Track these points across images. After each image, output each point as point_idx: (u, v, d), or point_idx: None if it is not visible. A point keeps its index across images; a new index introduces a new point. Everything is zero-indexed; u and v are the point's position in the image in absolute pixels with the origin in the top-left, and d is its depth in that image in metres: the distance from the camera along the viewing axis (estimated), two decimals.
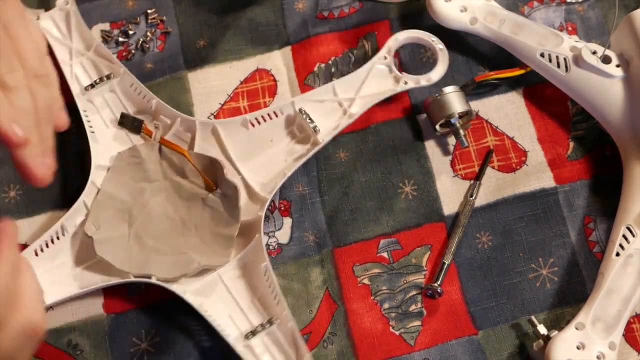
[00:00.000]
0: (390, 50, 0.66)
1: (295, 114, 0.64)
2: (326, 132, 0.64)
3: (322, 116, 0.64)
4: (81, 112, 0.65)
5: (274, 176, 0.63)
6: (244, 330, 0.58)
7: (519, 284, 0.62)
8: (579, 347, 0.56)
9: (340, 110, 0.65)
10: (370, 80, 0.66)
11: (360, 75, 0.66)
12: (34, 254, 0.60)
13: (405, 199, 0.65)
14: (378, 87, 0.66)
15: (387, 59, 0.66)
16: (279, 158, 0.64)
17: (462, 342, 0.60)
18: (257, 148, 0.64)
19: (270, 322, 0.57)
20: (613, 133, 0.64)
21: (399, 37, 0.67)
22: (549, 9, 0.71)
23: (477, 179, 0.65)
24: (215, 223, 0.61)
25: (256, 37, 0.71)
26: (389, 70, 0.66)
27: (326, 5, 0.72)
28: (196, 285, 0.59)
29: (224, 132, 0.64)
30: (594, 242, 0.63)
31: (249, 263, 0.60)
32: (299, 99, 0.65)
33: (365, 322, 0.61)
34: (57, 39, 0.68)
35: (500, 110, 0.68)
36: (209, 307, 0.59)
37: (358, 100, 0.65)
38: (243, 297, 0.60)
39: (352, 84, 0.66)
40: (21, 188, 0.66)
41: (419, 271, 0.63)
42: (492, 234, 0.64)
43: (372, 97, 0.65)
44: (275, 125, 0.65)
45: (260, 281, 0.59)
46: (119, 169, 0.63)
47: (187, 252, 0.60)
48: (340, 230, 0.64)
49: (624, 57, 0.63)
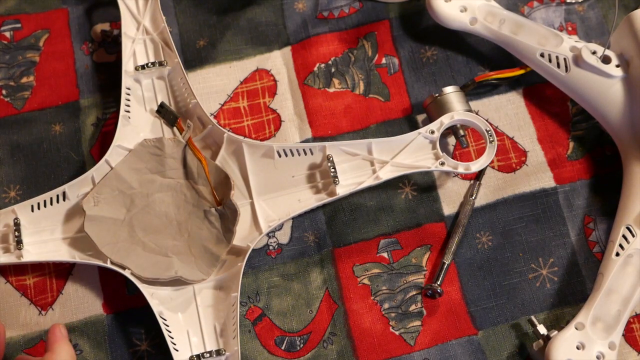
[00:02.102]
0: (441, 126, 0.62)
1: (322, 158, 0.63)
2: (347, 186, 0.62)
3: (349, 169, 0.62)
4: (123, 89, 0.64)
5: (281, 213, 0.62)
6: (195, 352, 0.58)
7: (519, 284, 0.62)
8: (579, 347, 0.56)
9: (370, 169, 0.62)
10: (410, 149, 0.62)
11: (402, 141, 0.62)
12: (30, 209, 0.61)
13: (405, 199, 0.65)
14: (414, 159, 0.62)
15: (435, 134, 0.62)
16: (293, 198, 0.63)
17: (462, 342, 0.60)
18: (277, 180, 0.63)
19: (219, 353, 0.57)
20: (613, 133, 0.64)
21: (455, 117, 0.62)
22: (549, 9, 0.71)
23: (477, 179, 0.65)
24: (208, 238, 0.61)
25: (256, 37, 0.71)
26: (432, 146, 0.62)
27: (326, 6, 0.72)
28: (166, 291, 0.60)
29: (249, 154, 0.63)
30: (593, 242, 0.63)
31: (224, 288, 0.60)
32: (332, 145, 0.62)
33: (365, 322, 0.61)
34: (131, 11, 0.68)
35: (500, 110, 0.68)
36: (169, 316, 0.59)
37: (390, 166, 0.62)
38: (206, 319, 0.59)
39: (391, 147, 0.62)
40: (21, 188, 0.66)
41: (419, 271, 0.63)
42: (492, 234, 0.64)
43: (405, 167, 0.62)
44: (300, 163, 0.63)
45: (227, 310, 0.59)
46: (139, 155, 0.62)
47: (171, 257, 0.60)
48: (340, 230, 0.64)
49: (624, 57, 0.63)
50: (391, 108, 0.68)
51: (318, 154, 0.63)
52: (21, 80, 0.69)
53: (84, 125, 0.67)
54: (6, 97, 0.69)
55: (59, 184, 0.63)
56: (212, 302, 0.60)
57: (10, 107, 0.68)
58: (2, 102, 0.68)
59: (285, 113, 0.68)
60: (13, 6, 0.72)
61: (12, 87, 0.69)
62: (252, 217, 0.63)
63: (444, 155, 0.62)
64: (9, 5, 0.72)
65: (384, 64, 0.70)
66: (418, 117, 0.68)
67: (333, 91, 0.69)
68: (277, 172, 0.63)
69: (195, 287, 0.60)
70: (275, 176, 0.63)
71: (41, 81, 0.69)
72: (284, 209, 0.62)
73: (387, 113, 0.68)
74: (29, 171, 0.66)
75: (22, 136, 0.67)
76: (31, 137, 0.67)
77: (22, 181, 0.66)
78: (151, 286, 0.60)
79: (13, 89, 0.69)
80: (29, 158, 0.66)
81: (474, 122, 0.62)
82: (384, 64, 0.70)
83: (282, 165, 0.63)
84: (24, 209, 0.61)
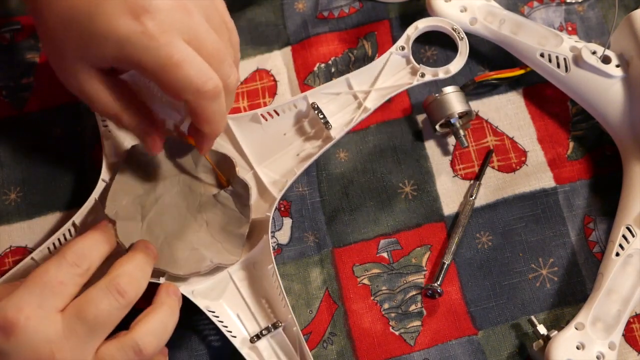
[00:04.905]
0: (408, 39, 0.63)
1: (307, 108, 0.63)
2: (339, 127, 0.62)
3: (336, 110, 0.63)
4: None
5: (285, 173, 0.62)
6: (252, 332, 0.58)
7: (519, 284, 0.62)
8: (579, 347, 0.56)
9: (355, 103, 0.63)
10: (387, 71, 0.63)
11: (377, 66, 0.63)
12: (48, 251, 0.59)
13: (405, 199, 0.65)
14: (395, 80, 0.63)
15: (405, 50, 0.63)
16: (291, 154, 0.63)
17: (462, 342, 0.60)
18: (270, 143, 0.63)
19: (275, 326, 0.57)
20: (613, 133, 0.64)
21: (418, 25, 0.63)
22: (548, 9, 0.71)
23: (477, 179, 0.65)
24: (227, 221, 0.61)
25: (256, 37, 0.71)
26: (407, 62, 0.63)
27: (326, 6, 0.72)
28: (204, 284, 0.59)
29: (236, 127, 0.63)
30: (593, 242, 0.63)
31: (257, 264, 0.60)
32: (312, 93, 0.62)
33: (365, 322, 0.61)
34: None
35: (500, 110, 0.68)
36: (216, 307, 0.58)
37: (373, 93, 0.62)
38: (251, 298, 0.59)
39: (368, 75, 0.63)
40: (22, 190, 0.66)
41: (418, 271, 0.63)
42: (492, 234, 0.64)
43: (389, 90, 0.62)
44: (287, 120, 0.63)
45: (268, 283, 0.59)
46: (133, 162, 0.62)
47: (199, 249, 0.60)
48: (340, 230, 0.64)
49: (624, 57, 0.63)
50: (391, 108, 0.68)
51: (302, 105, 0.63)
52: (21, 81, 0.69)
53: (85, 127, 0.67)
54: (6, 97, 0.69)
55: (59, 185, 0.63)
56: (250, 281, 0.60)
57: (11, 108, 0.68)
58: (2, 102, 0.68)
59: None
60: (13, 7, 0.72)
61: (12, 88, 0.69)
62: (258, 188, 0.63)
63: (421, 66, 0.62)
64: (9, 7, 0.72)
65: None
66: (418, 117, 0.68)
67: None
68: (268, 135, 0.63)
69: (230, 272, 0.60)
70: (267, 140, 0.63)
71: (41, 82, 0.69)
72: (287, 167, 0.63)
73: (387, 113, 0.68)
74: (29, 173, 0.66)
75: (22, 137, 0.67)
76: (31, 139, 0.67)
77: (22, 183, 0.66)
78: (189, 285, 0.59)
79: (13, 90, 0.69)
80: (29, 160, 0.66)
81: (439, 25, 0.63)
82: None
83: (271, 128, 0.63)
84: (41, 254, 0.59)
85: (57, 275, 0.49)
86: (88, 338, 0.48)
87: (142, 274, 0.52)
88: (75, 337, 0.48)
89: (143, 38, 0.49)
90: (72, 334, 0.48)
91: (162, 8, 0.50)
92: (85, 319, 0.48)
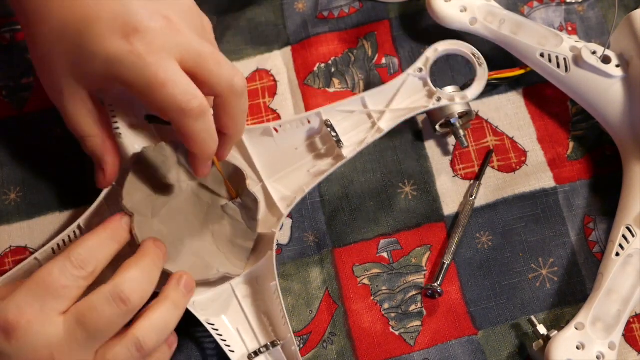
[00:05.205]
0: (427, 61, 0.62)
1: (320, 125, 0.62)
2: (352, 146, 0.61)
3: (349, 129, 0.62)
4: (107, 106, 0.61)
5: (296, 189, 0.62)
6: (250, 348, 0.57)
7: (519, 284, 0.62)
8: (579, 347, 0.56)
9: (369, 122, 0.62)
10: (403, 93, 0.62)
11: (393, 86, 0.62)
12: (52, 251, 0.59)
13: (405, 199, 0.65)
14: (410, 102, 0.62)
15: (423, 72, 0.62)
16: (303, 170, 0.62)
17: (462, 342, 0.60)
18: (282, 157, 0.63)
19: (274, 344, 0.57)
20: (613, 133, 0.64)
21: (438, 48, 0.62)
22: (548, 9, 0.71)
23: (477, 179, 0.65)
24: (233, 233, 0.60)
25: (256, 37, 0.71)
26: (424, 84, 0.62)
27: (326, 6, 0.72)
28: (205, 295, 0.59)
29: (248, 139, 0.63)
30: (593, 242, 0.63)
31: (259, 279, 0.60)
32: (326, 109, 0.61)
33: (365, 322, 0.61)
34: None
35: (500, 110, 0.68)
36: (215, 320, 0.58)
37: (388, 113, 0.61)
38: (252, 314, 0.59)
39: (383, 95, 0.62)
40: (21, 190, 0.66)
41: (418, 271, 0.63)
42: (492, 234, 0.64)
43: (403, 112, 0.61)
44: (299, 134, 0.63)
45: (270, 299, 0.59)
46: (145, 164, 0.61)
47: (204, 257, 0.59)
48: (340, 230, 0.64)
49: (624, 57, 0.63)
50: None
51: (315, 121, 0.62)
52: (21, 81, 0.69)
53: None
54: (6, 97, 0.69)
55: (59, 186, 0.63)
56: (252, 296, 0.60)
57: (11, 108, 0.68)
58: (2, 102, 0.68)
59: (285, 113, 0.68)
60: None
61: (12, 88, 0.69)
62: (267, 201, 0.62)
63: (438, 90, 0.62)
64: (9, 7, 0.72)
65: (384, 64, 0.70)
66: (418, 117, 0.68)
67: (333, 91, 0.69)
68: (280, 149, 0.63)
69: (233, 285, 0.60)
70: (279, 154, 0.63)
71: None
72: (297, 183, 0.62)
73: None
74: (29, 173, 0.66)
75: (22, 137, 0.67)
76: (31, 138, 0.67)
77: (22, 183, 0.66)
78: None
79: (13, 90, 0.69)
80: (29, 160, 0.66)
81: (459, 49, 0.62)
82: (384, 64, 0.70)
83: (283, 141, 0.63)
84: (45, 254, 0.58)
85: (61, 279, 0.49)
86: (88, 343, 0.48)
87: (148, 279, 0.52)
88: (75, 341, 0.48)
89: (131, 57, 0.49)
90: (72, 338, 0.48)
91: (153, 28, 0.50)
92: (85, 325, 0.48)
